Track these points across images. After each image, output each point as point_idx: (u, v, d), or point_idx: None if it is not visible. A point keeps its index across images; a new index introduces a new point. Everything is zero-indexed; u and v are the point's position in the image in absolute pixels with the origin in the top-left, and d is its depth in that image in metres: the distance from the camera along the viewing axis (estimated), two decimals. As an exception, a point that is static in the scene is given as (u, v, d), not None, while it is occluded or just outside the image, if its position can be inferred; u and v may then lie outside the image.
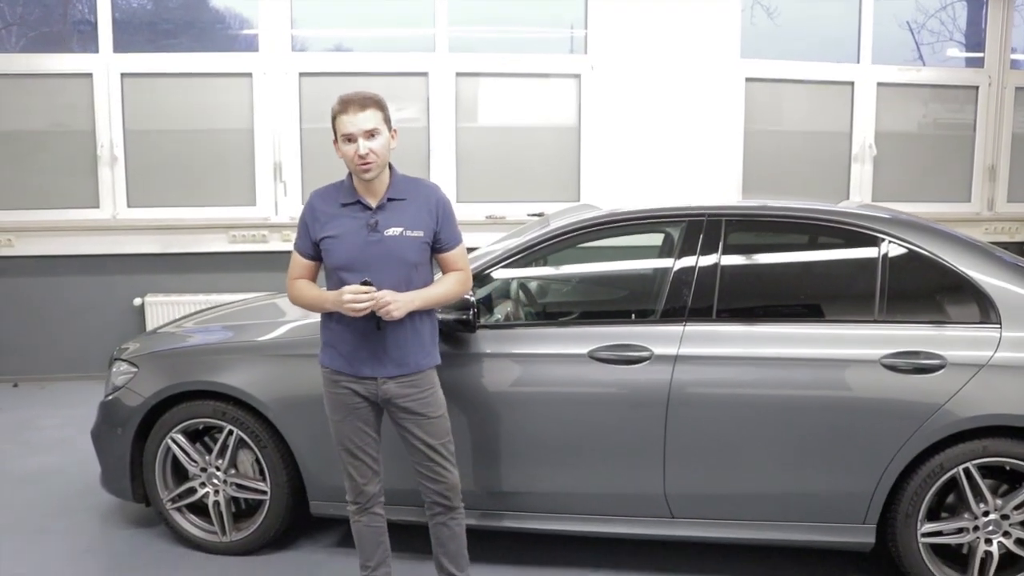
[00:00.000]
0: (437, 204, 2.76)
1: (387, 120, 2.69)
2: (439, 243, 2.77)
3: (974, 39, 7.00)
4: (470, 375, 3.15)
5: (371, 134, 2.62)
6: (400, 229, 2.69)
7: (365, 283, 2.59)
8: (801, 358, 3.05)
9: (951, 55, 7.08)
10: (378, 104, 2.66)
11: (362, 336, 2.70)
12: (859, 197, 6.64)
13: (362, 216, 2.69)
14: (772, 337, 3.11)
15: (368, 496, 2.86)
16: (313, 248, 2.75)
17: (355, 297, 2.58)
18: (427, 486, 2.85)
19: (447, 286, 2.80)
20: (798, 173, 6.65)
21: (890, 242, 3.13)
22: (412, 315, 2.70)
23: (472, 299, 3.05)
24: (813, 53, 6.62)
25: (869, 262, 3.14)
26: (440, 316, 3.02)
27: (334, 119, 2.66)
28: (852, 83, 6.62)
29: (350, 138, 2.62)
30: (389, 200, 2.71)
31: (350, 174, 2.74)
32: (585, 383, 3.12)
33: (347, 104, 2.63)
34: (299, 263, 2.80)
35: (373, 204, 2.70)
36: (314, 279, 2.83)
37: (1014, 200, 6.89)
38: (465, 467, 3.11)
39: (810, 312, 3.24)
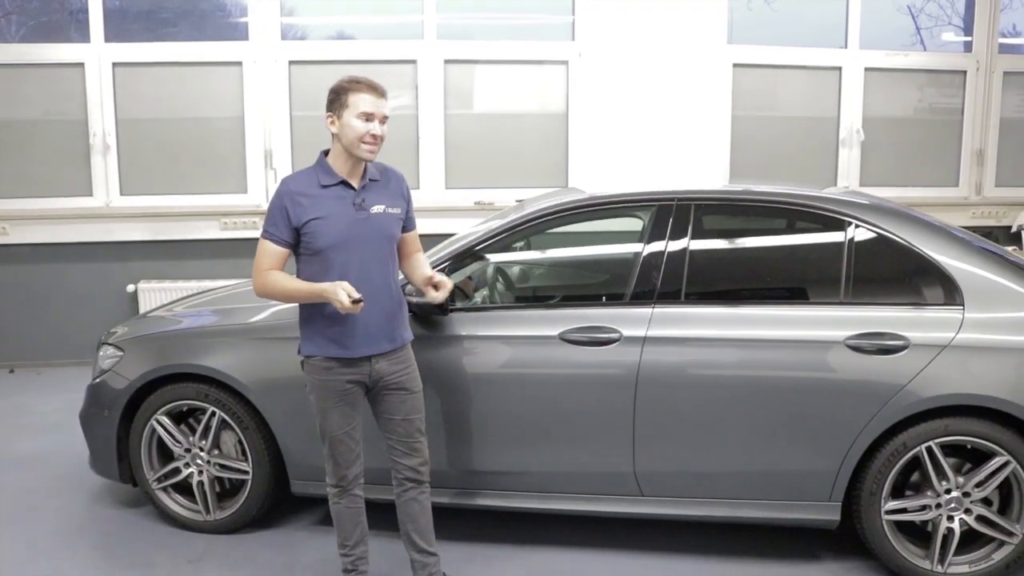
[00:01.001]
0: (406, 186, 2.93)
1: None
2: (406, 223, 2.91)
3: (972, 23, 6.98)
4: (443, 357, 3.22)
5: (384, 120, 2.75)
6: (383, 206, 2.80)
7: (356, 301, 2.61)
8: (767, 339, 3.10)
9: (949, 39, 7.06)
10: (386, 97, 2.80)
11: (358, 318, 2.74)
12: (846, 182, 6.67)
13: (347, 196, 2.76)
14: (739, 319, 3.16)
15: (350, 479, 2.91)
16: (292, 235, 2.75)
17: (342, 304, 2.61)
18: (402, 462, 2.91)
19: (424, 263, 3.00)
20: (786, 158, 6.69)
21: (857, 226, 3.18)
22: (394, 291, 2.82)
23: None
24: (809, 39, 6.65)
25: (836, 245, 3.19)
26: (415, 299, 3.09)
27: (347, 93, 2.70)
28: (840, 68, 6.64)
29: (369, 117, 2.70)
30: (370, 181, 2.81)
31: (324, 157, 2.81)
32: (556, 364, 3.18)
33: (371, 87, 2.73)
34: (273, 253, 2.76)
35: (356, 184, 2.78)
36: (283, 269, 2.81)
37: (1002, 184, 6.92)
38: (439, 447, 3.19)
39: (777, 294, 3.30)
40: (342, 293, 2.60)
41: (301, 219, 2.72)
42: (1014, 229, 6.79)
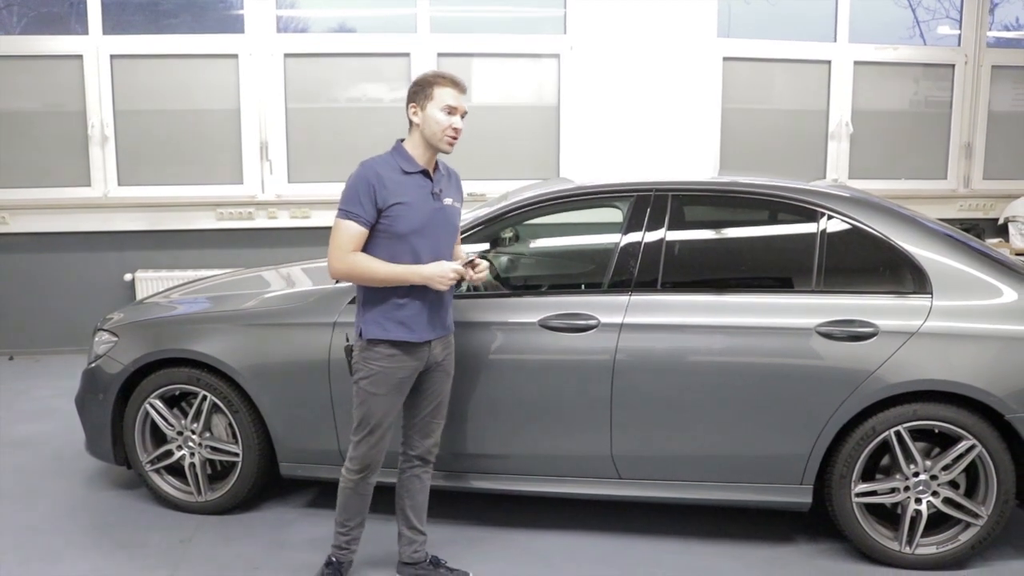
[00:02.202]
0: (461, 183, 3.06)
1: None
2: None
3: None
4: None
5: (464, 115, 2.86)
6: (451, 199, 2.93)
7: (482, 257, 2.81)
8: (740, 326, 3.18)
9: (945, 33, 7.10)
10: (466, 92, 2.91)
11: (425, 302, 2.83)
12: (835, 175, 6.74)
13: (425, 185, 2.84)
14: (714, 306, 3.24)
15: (373, 467, 2.94)
16: (375, 216, 2.75)
17: (458, 273, 2.76)
18: (420, 442, 3.00)
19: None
20: (775, 151, 6.76)
21: (830, 217, 3.26)
22: None
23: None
24: (804, 33, 6.70)
25: (808, 235, 3.27)
26: None
27: (432, 86, 2.80)
28: (829, 62, 6.71)
29: (452, 110, 2.80)
30: (440, 174, 2.92)
31: (400, 145, 2.86)
32: (536, 350, 3.26)
33: (454, 82, 2.84)
34: (355, 233, 2.73)
35: (432, 175, 2.87)
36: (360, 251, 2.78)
37: (989, 177, 6.99)
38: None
39: (751, 283, 3.38)
40: (450, 272, 2.74)
41: (387, 201, 2.74)
42: (1001, 221, 6.86)
